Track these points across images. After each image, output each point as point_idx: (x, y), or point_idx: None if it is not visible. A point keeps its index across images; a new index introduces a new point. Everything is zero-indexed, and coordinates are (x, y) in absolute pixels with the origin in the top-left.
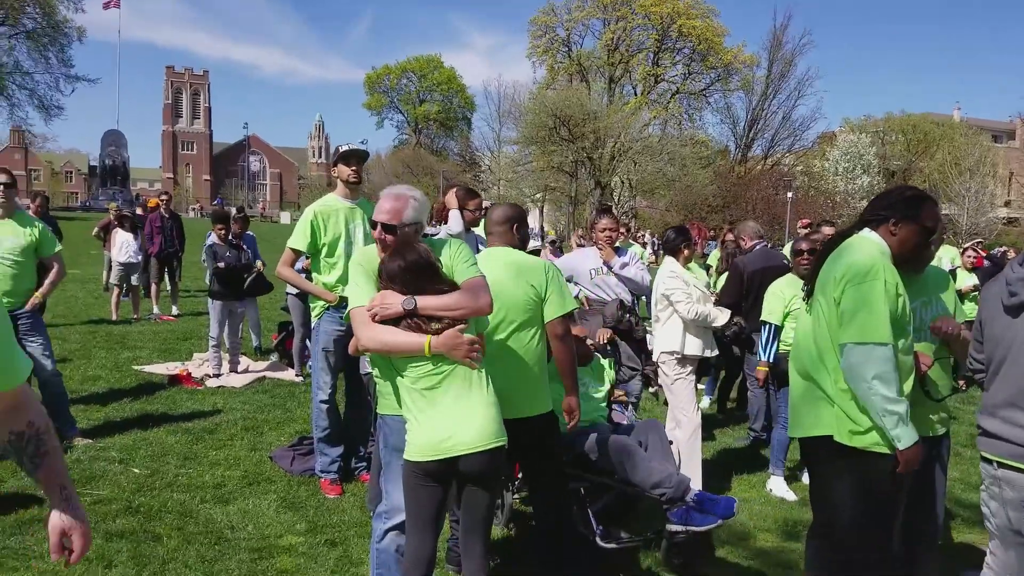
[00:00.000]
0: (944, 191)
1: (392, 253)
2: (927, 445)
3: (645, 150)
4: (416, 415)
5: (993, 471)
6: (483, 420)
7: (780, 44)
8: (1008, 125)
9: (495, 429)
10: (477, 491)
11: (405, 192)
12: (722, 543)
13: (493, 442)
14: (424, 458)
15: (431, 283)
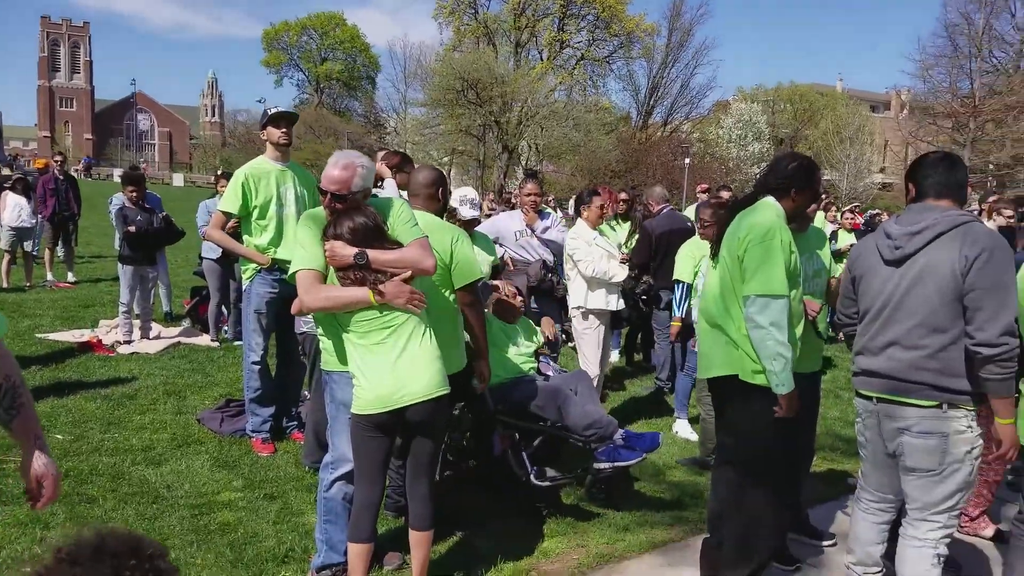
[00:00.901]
0: (827, 158)
1: (340, 216)
2: (810, 378)
3: (551, 115)
4: (363, 370)
5: (872, 406)
6: (429, 371)
7: (679, 14)
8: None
9: (440, 379)
10: (422, 439)
11: (354, 160)
12: (638, 479)
13: (438, 391)
14: (374, 410)
15: (379, 245)
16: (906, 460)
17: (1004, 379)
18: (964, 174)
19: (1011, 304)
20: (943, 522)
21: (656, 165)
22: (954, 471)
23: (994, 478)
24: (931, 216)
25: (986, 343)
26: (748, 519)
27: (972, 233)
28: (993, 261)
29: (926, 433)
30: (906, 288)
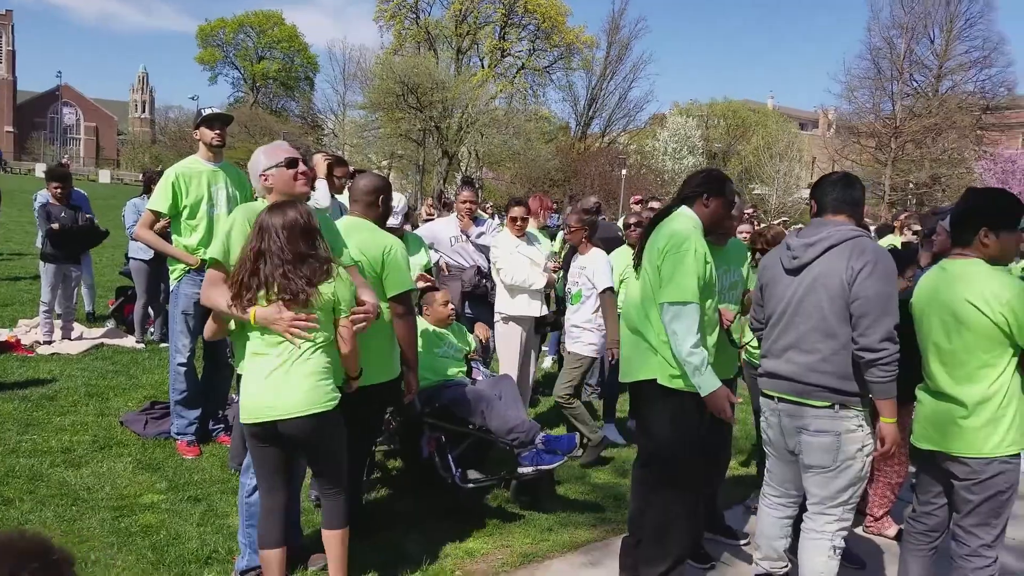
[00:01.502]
0: (757, 173)
1: (274, 208)
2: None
3: (492, 122)
4: (247, 378)
5: (775, 405)
6: (303, 388)
7: (617, 28)
8: (813, 115)
9: (316, 398)
10: (310, 453)
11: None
12: (562, 482)
13: (310, 409)
14: (247, 421)
15: (308, 246)
16: (804, 457)
17: (886, 382)
18: (860, 192)
19: (892, 312)
20: (839, 515)
21: (594, 175)
22: (847, 467)
23: (896, 480)
24: (826, 230)
25: (868, 348)
26: (664, 518)
27: (859, 247)
28: (876, 273)
29: (821, 432)
30: (802, 295)
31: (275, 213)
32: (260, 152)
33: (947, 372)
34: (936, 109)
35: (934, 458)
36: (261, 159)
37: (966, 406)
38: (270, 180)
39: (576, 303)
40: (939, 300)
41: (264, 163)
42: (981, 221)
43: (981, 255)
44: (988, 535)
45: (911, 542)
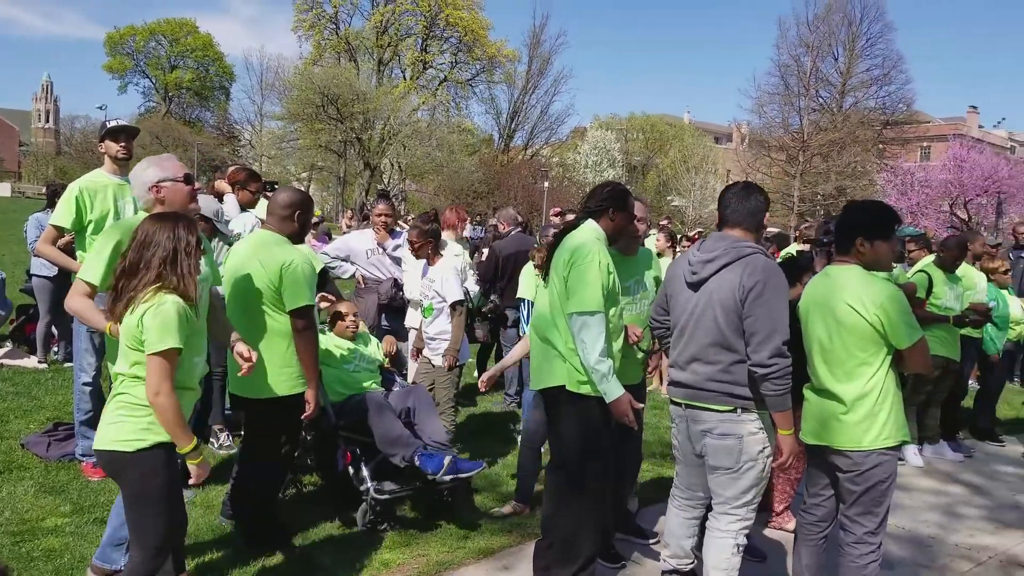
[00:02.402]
0: (675, 185)
1: (161, 217)
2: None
3: (414, 134)
4: None
5: (682, 411)
6: (106, 420)
7: (538, 42)
8: (727, 129)
9: (111, 433)
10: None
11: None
12: (480, 490)
13: (103, 445)
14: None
15: (188, 258)
16: (709, 459)
17: (778, 395)
18: (757, 203)
19: (781, 329)
20: (742, 515)
21: (517, 187)
22: (749, 468)
23: (796, 476)
24: (722, 246)
25: (759, 364)
26: (574, 520)
27: (751, 265)
28: (766, 291)
29: (724, 435)
30: (701, 310)
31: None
32: (151, 163)
33: (829, 370)
34: (840, 124)
35: (820, 452)
36: (154, 170)
37: (846, 402)
38: (164, 193)
39: (429, 316)
40: (822, 303)
41: (158, 175)
42: (857, 231)
43: (859, 262)
44: (871, 523)
45: (803, 532)
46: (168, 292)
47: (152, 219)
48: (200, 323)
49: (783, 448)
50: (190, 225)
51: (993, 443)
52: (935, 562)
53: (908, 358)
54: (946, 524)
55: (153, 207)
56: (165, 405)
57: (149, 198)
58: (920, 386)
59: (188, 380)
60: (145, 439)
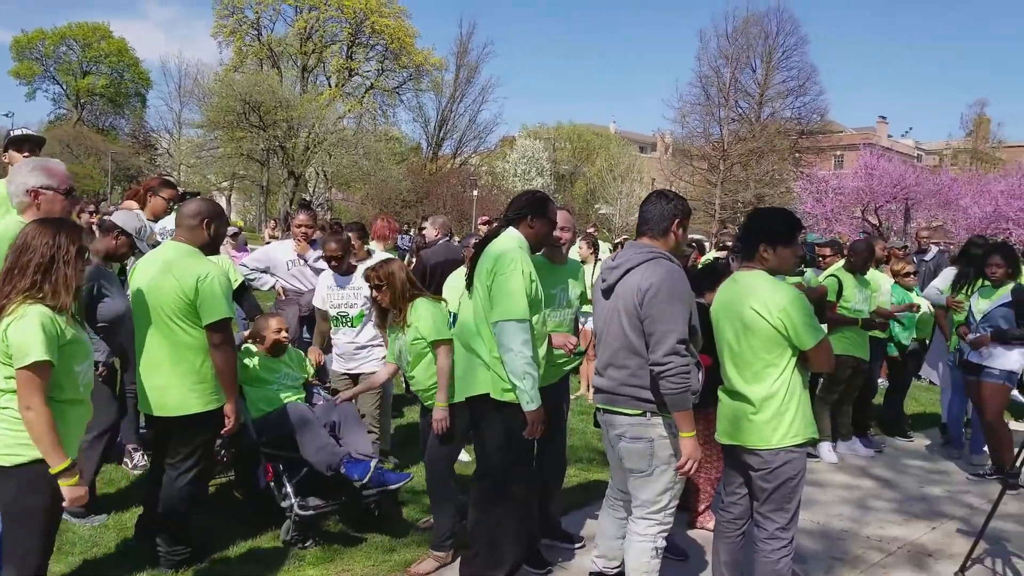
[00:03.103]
0: (602, 194)
1: (44, 222)
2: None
3: (340, 142)
4: None
5: (602, 416)
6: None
7: (466, 51)
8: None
9: None
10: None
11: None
12: (407, 502)
13: None
14: None
15: (65, 267)
16: (624, 462)
17: (676, 394)
18: (662, 209)
19: (676, 329)
20: (659, 519)
21: (446, 196)
22: (662, 472)
23: (716, 475)
24: (629, 252)
25: (655, 363)
26: (499, 527)
27: (650, 269)
28: (662, 293)
29: (635, 438)
30: (610, 316)
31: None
32: (37, 166)
33: (738, 372)
34: (759, 133)
35: (734, 452)
36: (37, 175)
37: (754, 403)
38: (41, 199)
39: (359, 324)
40: (730, 308)
41: (42, 181)
42: (760, 238)
43: (763, 267)
44: (783, 519)
45: (721, 530)
46: (35, 302)
47: (35, 224)
48: (82, 332)
49: (683, 451)
50: (74, 233)
51: (902, 438)
52: (848, 554)
53: (812, 358)
54: (858, 517)
55: (26, 212)
56: (33, 420)
57: (26, 201)
58: (833, 385)
59: (73, 393)
60: (23, 454)
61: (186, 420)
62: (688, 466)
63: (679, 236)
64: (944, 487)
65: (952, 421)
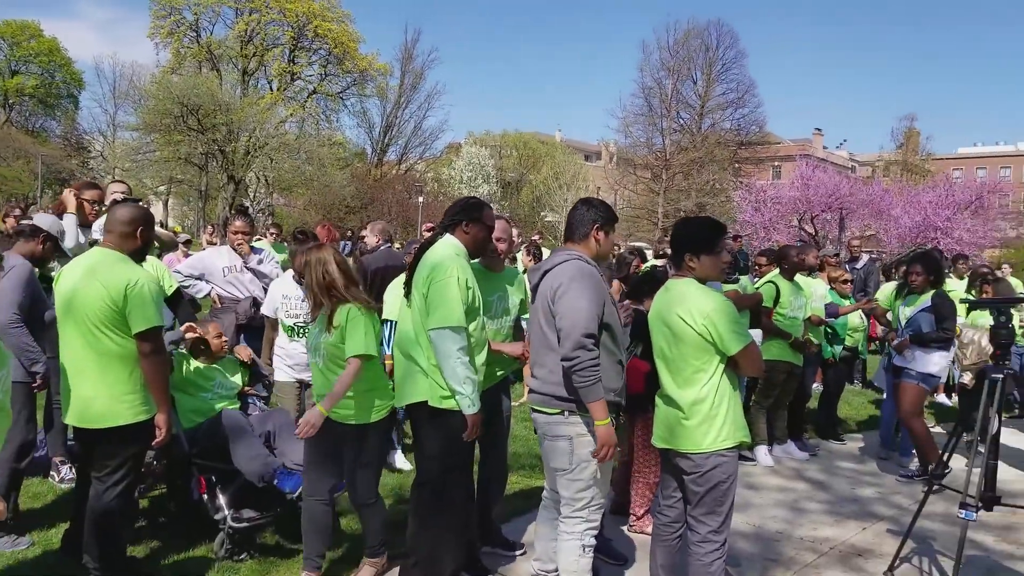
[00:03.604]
0: (547, 201)
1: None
2: (494, 394)
3: (282, 147)
4: None
5: (533, 416)
6: None
7: (411, 57)
8: (596, 147)
9: None
10: None
11: None
12: (344, 512)
13: None
14: None
15: None
16: (548, 461)
17: (585, 387)
18: (581, 215)
19: (581, 324)
20: (584, 516)
21: (391, 202)
22: (583, 469)
23: (654, 480)
24: (552, 256)
25: (564, 357)
26: (438, 536)
27: (561, 269)
28: (570, 290)
29: (556, 436)
30: (533, 317)
31: None
32: None
33: (672, 378)
34: (700, 144)
35: (668, 456)
36: None
37: (685, 408)
38: None
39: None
40: (662, 315)
41: None
42: (685, 247)
43: (691, 275)
44: (715, 522)
45: (658, 533)
46: None
47: None
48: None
49: (597, 438)
50: None
51: (835, 441)
52: (782, 556)
53: (740, 363)
54: (792, 519)
55: None
56: None
57: None
58: (768, 390)
59: None
60: None
61: (114, 432)
62: (603, 452)
63: (600, 241)
64: (875, 488)
65: (884, 423)
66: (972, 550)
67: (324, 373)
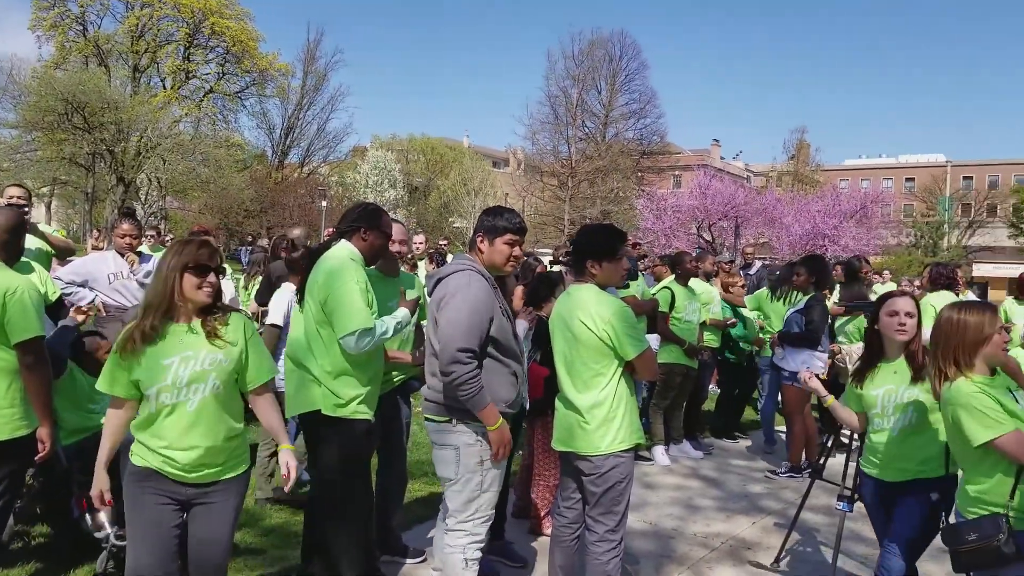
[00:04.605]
0: (455, 207)
1: None
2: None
3: (176, 148)
4: None
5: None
6: None
7: (313, 58)
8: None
9: None
10: None
11: None
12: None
13: None
14: None
15: None
16: (437, 470)
17: (468, 398)
18: (480, 223)
19: (457, 339)
20: (468, 529)
21: (293, 206)
22: (468, 479)
23: (554, 482)
24: (449, 264)
25: (441, 371)
26: (336, 544)
27: (451, 279)
28: (452, 303)
29: (443, 445)
30: (428, 324)
31: None
32: None
33: (571, 382)
34: (604, 153)
35: (568, 458)
36: None
37: (584, 411)
38: None
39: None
40: (564, 320)
41: None
42: (587, 254)
43: (592, 281)
44: (612, 521)
45: (557, 535)
46: None
47: None
48: None
49: (491, 440)
50: None
51: (728, 439)
52: (675, 552)
53: (637, 368)
54: (686, 516)
55: None
56: None
57: None
58: (665, 391)
59: None
60: None
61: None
62: (501, 453)
63: (483, 250)
64: (764, 484)
65: (763, 421)
66: (850, 540)
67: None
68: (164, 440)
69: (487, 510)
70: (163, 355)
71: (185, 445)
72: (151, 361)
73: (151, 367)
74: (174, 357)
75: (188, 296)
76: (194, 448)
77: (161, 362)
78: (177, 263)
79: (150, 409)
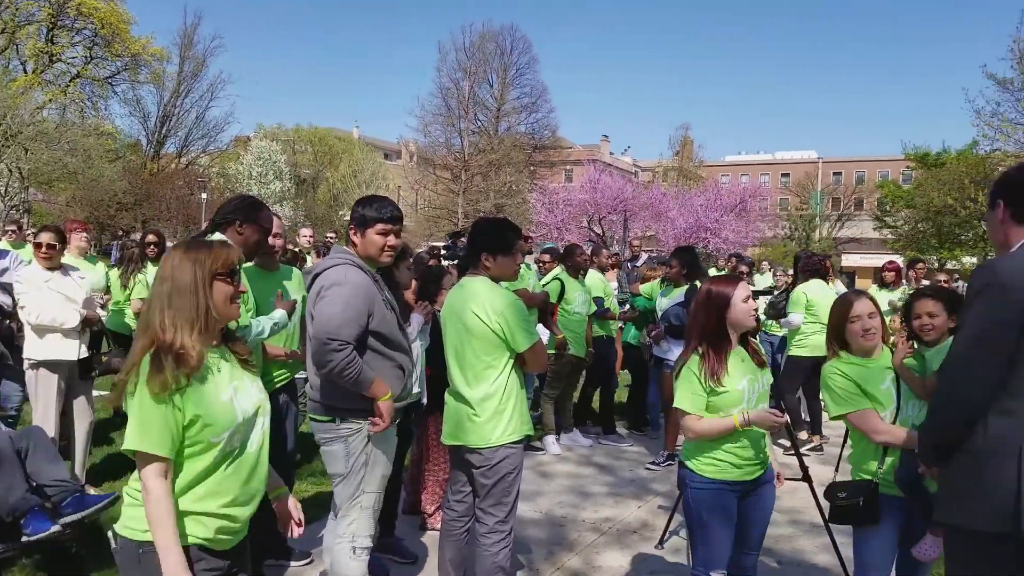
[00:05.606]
0: (345, 199)
1: None
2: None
3: (39, 136)
4: None
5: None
6: None
7: (191, 43)
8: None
9: None
10: None
11: None
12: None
13: None
14: None
15: None
16: (327, 467)
17: (353, 381)
18: (353, 215)
19: (330, 330)
20: (354, 517)
21: (171, 198)
22: (356, 473)
23: (444, 477)
24: (327, 257)
25: (317, 364)
26: None
27: (327, 274)
28: (327, 297)
29: (330, 442)
30: (307, 320)
31: None
32: None
33: (462, 374)
34: (497, 146)
35: (458, 452)
36: None
37: (475, 403)
38: None
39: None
40: (455, 312)
41: None
42: (481, 248)
43: (487, 274)
44: (501, 512)
45: (447, 528)
46: None
47: None
48: None
49: (380, 410)
50: None
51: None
52: (567, 539)
53: (528, 360)
54: (577, 503)
55: None
56: None
57: None
58: (555, 382)
59: None
60: None
61: None
62: (382, 423)
63: (356, 242)
64: (652, 470)
65: (650, 406)
66: None
67: None
68: (227, 495)
69: (377, 503)
70: (219, 389)
71: (247, 497)
72: (211, 398)
73: (214, 405)
74: (229, 389)
75: (221, 311)
76: (255, 498)
77: (221, 398)
78: (205, 272)
79: (212, 459)
